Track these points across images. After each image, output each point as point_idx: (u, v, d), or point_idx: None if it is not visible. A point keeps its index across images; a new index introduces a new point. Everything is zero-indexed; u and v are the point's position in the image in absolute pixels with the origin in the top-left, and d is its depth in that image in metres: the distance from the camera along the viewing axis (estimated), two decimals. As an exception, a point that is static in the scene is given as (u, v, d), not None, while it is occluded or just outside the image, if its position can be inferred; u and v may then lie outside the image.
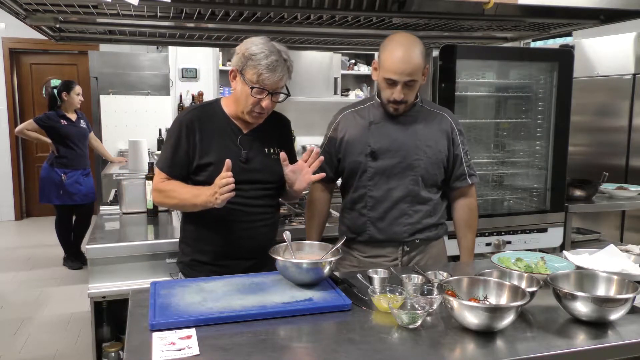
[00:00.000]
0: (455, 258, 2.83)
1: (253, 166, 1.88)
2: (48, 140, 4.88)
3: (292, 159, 2.04)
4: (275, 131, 1.99)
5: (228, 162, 1.68)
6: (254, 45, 1.76)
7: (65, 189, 4.82)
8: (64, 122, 4.79)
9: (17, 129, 5.00)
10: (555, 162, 3.00)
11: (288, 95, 1.86)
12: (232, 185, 1.66)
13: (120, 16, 2.41)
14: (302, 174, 1.85)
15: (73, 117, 4.88)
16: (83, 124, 4.97)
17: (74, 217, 5.10)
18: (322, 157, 1.86)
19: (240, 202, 1.83)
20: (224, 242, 1.89)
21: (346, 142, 2.06)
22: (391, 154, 2.00)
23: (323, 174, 1.86)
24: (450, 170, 2.10)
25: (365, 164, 2.02)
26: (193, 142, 1.84)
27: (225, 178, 1.66)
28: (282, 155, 1.85)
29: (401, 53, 1.87)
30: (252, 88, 1.75)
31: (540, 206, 3.05)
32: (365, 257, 2.11)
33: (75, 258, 5.13)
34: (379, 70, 1.95)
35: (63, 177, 4.80)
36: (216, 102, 1.95)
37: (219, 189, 1.66)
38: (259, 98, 1.77)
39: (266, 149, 1.93)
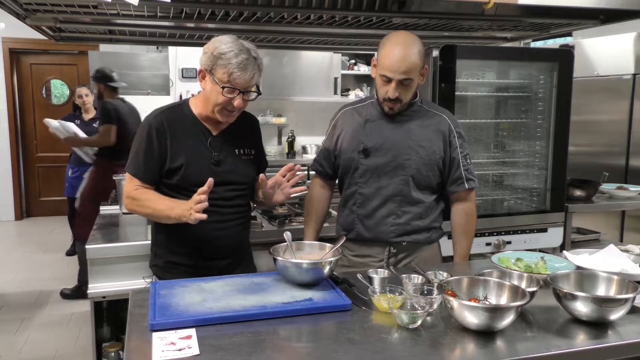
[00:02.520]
0: (452, 259, 2.83)
1: (224, 168, 1.86)
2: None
3: (262, 159, 2.05)
4: (245, 132, 1.98)
5: (210, 181, 1.66)
6: (223, 44, 1.73)
7: (70, 183, 5.16)
8: (77, 121, 5.10)
9: None
10: (555, 162, 2.99)
11: (259, 93, 1.84)
12: (205, 204, 1.64)
13: (120, 16, 2.41)
14: (280, 187, 1.86)
15: (86, 117, 5.15)
16: (96, 125, 5.10)
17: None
18: (302, 173, 1.86)
19: (213, 203, 1.80)
20: (197, 243, 1.87)
21: (342, 139, 2.08)
22: (383, 152, 2.00)
23: (304, 188, 1.88)
24: (447, 173, 2.06)
25: (358, 160, 2.02)
26: (165, 145, 1.82)
27: (200, 195, 1.64)
28: (261, 176, 1.83)
29: (398, 51, 1.86)
30: (223, 88, 1.73)
31: (540, 206, 3.05)
32: (354, 256, 2.10)
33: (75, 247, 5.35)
34: (377, 68, 1.95)
35: (70, 172, 5.18)
36: (184, 103, 1.92)
37: (194, 206, 1.65)
38: (230, 97, 1.75)
39: (237, 150, 1.92)
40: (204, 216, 1.64)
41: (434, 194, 2.08)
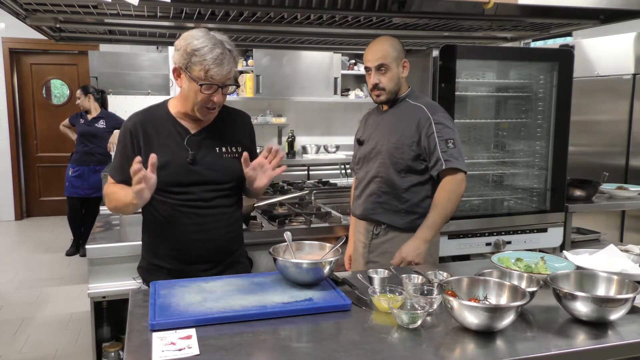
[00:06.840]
0: (455, 258, 2.84)
1: (202, 167, 1.80)
2: (73, 137, 5.38)
3: (254, 157, 1.96)
4: (231, 128, 1.91)
5: (153, 156, 1.61)
6: (195, 39, 1.68)
7: (71, 182, 5.19)
8: (82, 120, 5.24)
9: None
10: (555, 162, 3.00)
11: (238, 86, 1.83)
12: (140, 175, 1.57)
13: (120, 16, 2.41)
14: (262, 170, 1.80)
15: (90, 116, 5.23)
16: (101, 124, 5.20)
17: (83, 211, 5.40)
18: (282, 153, 1.96)
19: (191, 204, 1.78)
20: (176, 245, 1.81)
21: (356, 134, 2.43)
22: (368, 141, 2.29)
23: (284, 167, 1.84)
24: (428, 159, 2.13)
25: (357, 149, 2.37)
26: (137, 147, 1.78)
27: (134, 166, 1.57)
28: (244, 155, 1.77)
29: (372, 45, 2.18)
30: (201, 85, 1.69)
31: (540, 206, 3.05)
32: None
33: (76, 248, 5.41)
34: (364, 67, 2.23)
35: (70, 172, 5.20)
36: (162, 104, 1.88)
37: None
38: (209, 94, 1.71)
39: (217, 148, 1.84)
40: (142, 186, 1.59)
41: (418, 179, 2.17)
